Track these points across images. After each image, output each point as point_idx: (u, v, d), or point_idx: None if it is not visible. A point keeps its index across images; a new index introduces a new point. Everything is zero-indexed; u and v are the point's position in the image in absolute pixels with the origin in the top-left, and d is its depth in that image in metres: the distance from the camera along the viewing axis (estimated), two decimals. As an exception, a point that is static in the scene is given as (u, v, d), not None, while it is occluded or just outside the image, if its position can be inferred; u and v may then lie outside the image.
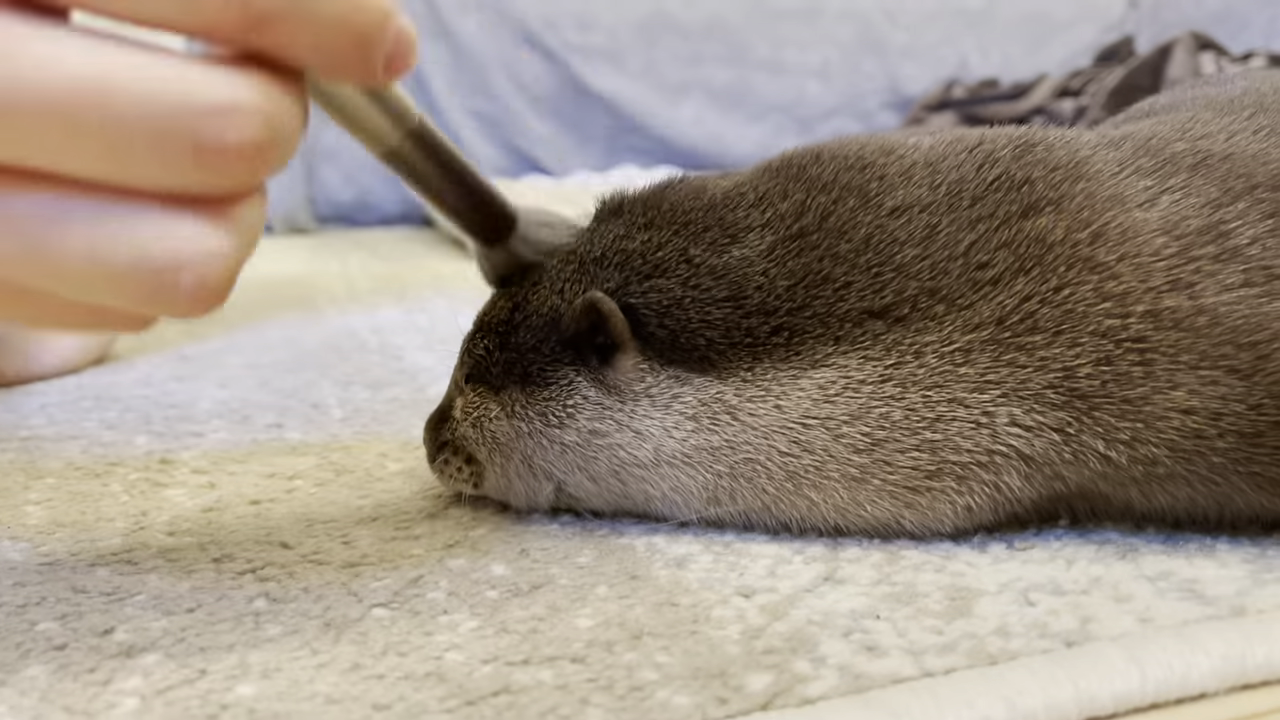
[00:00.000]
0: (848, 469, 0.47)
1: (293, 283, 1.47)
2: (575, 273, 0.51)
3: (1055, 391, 0.44)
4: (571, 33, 2.46)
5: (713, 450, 0.48)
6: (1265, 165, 0.47)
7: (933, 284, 0.46)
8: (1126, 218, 0.45)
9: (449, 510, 0.55)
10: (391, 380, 0.86)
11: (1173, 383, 0.43)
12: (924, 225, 0.46)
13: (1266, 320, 0.43)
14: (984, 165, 0.48)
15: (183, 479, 0.61)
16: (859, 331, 0.46)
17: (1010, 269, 0.45)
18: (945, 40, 2.68)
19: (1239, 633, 0.39)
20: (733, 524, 0.51)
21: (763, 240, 0.48)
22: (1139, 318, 0.44)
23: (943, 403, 0.45)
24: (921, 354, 0.46)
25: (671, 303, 0.48)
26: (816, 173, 0.49)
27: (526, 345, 0.51)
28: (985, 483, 0.46)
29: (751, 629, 0.41)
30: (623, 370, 0.49)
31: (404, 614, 0.43)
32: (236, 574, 0.47)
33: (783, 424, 0.47)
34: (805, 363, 0.47)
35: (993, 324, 0.45)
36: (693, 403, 0.48)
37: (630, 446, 0.49)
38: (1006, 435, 0.45)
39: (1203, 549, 0.47)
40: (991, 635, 0.40)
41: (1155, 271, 0.44)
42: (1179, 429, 0.44)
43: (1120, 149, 0.49)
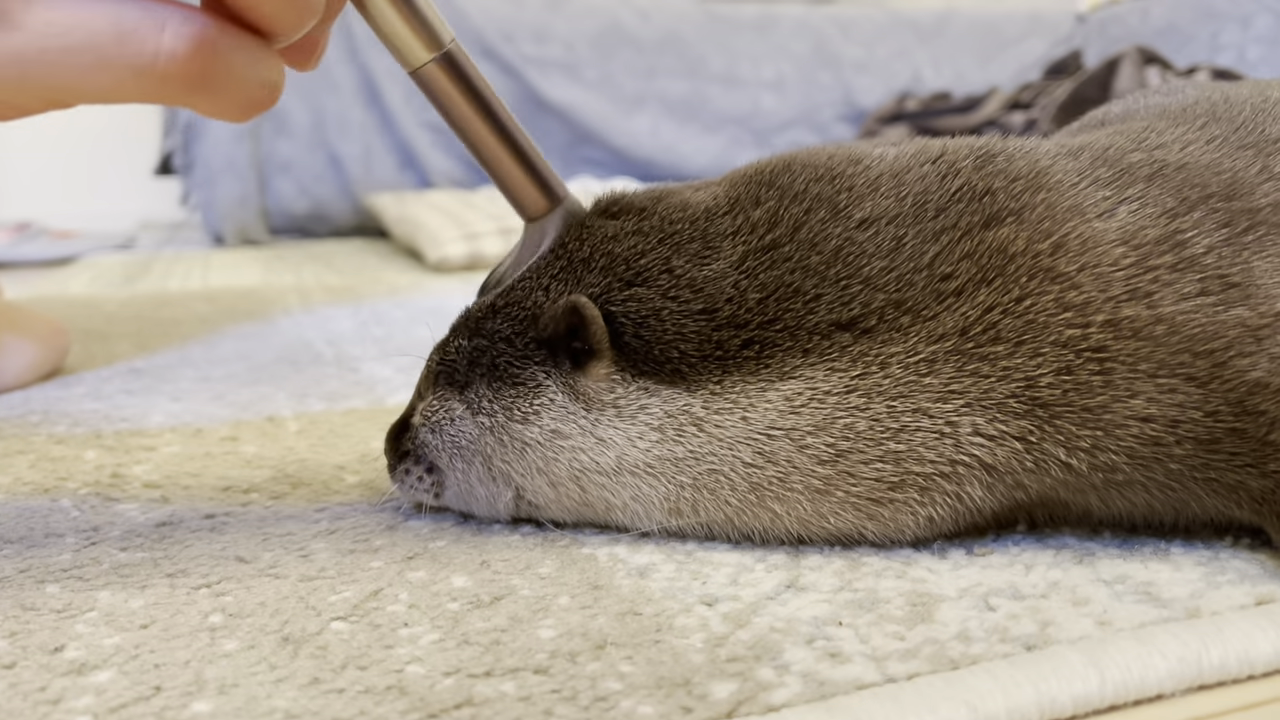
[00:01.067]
0: (811, 480, 0.47)
1: (246, 295, 1.45)
2: (562, 270, 0.51)
3: (1017, 401, 0.45)
4: (528, 45, 2.46)
5: (676, 461, 0.48)
6: (1219, 175, 0.48)
7: (898, 296, 0.46)
8: (1086, 228, 0.46)
9: (409, 522, 0.55)
10: (348, 392, 0.85)
11: (1132, 391, 0.44)
12: (891, 237, 0.47)
13: (1222, 328, 0.44)
14: (947, 176, 0.48)
15: (135, 493, 0.60)
16: (827, 344, 0.46)
17: (973, 280, 0.46)
18: (898, 54, 2.72)
19: (1194, 634, 0.40)
20: (694, 535, 0.51)
21: (735, 250, 0.48)
22: (1099, 327, 0.44)
23: (907, 413, 0.46)
24: (887, 365, 0.46)
25: (650, 313, 0.48)
26: (788, 182, 0.50)
27: (500, 334, 0.51)
28: (948, 493, 0.46)
29: (715, 637, 0.41)
30: (595, 377, 0.49)
31: (364, 627, 0.43)
32: (191, 589, 0.47)
33: (748, 435, 0.47)
34: (774, 375, 0.47)
35: (956, 335, 0.45)
36: (659, 414, 0.48)
37: (592, 452, 0.49)
38: (969, 445, 0.45)
39: (1158, 553, 0.48)
40: (953, 640, 0.40)
41: (1114, 281, 0.45)
42: (1138, 436, 0.44)
43: (1079, 159, 0.49)
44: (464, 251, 1.69)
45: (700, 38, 2.59)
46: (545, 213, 0.51)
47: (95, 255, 2.15)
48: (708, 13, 2.65)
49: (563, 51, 2.48)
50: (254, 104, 0.42)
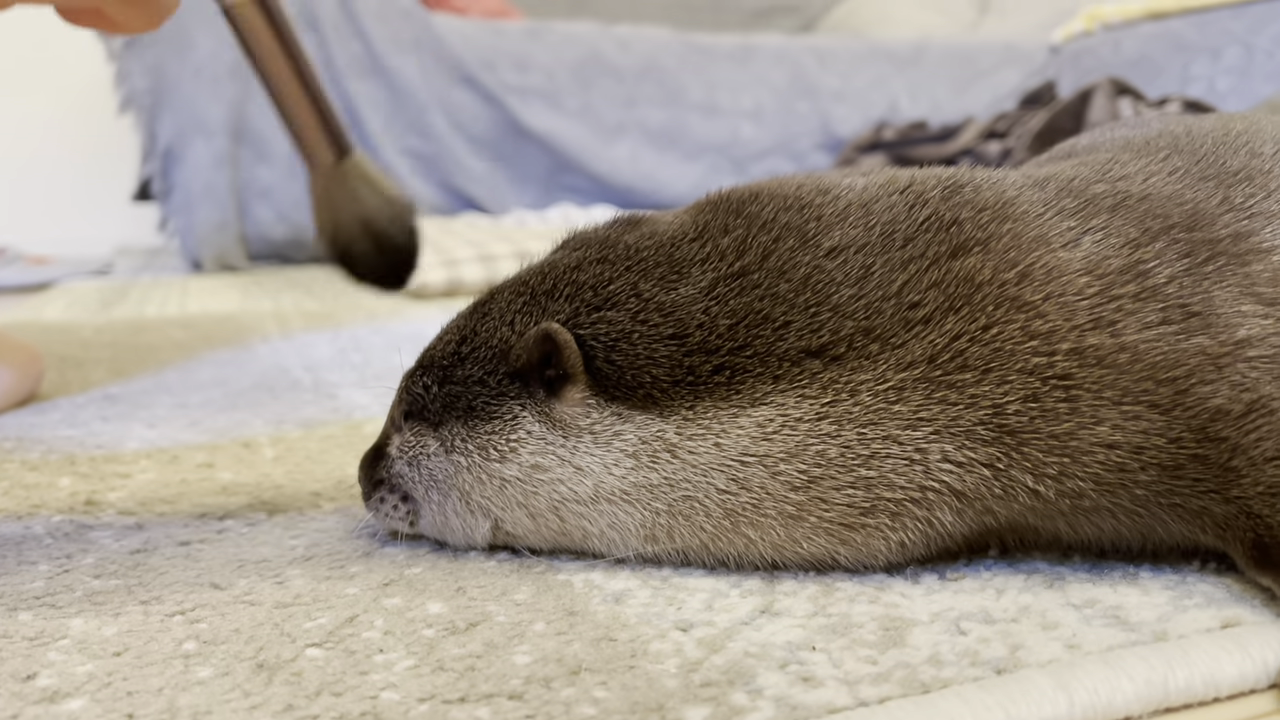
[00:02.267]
0: (784, 506, 0.47)
1: (224, 321, 1.45)
2: (526, 304, 0.51)
3: (985, 428, 0.45)
4: (509, 74, 2.47)
5: (651, 488, 0.48)
6: (1180, 206, 0.49)
7: (868, 323, 0.47)
8: (1051, 258, 0.46)
9: (384, 549, 0.55)
10: (325, 419, 0.85)
11: (1097, 418, 0.45)
12: (859, 266, 0.47)
13: (1184, 356, 0.45)
14: (915, 206, 0.49)
15: (109, 520, 0.60)
16: (797, 370, 0.47)
17: (940, 308, 0.46)
18: (875, 84, 2.75)
19: (1161, 657, 0.40)
20: (670, 561, 0.51)
21: (704, 276, 0.49)
22: (1064, 355, 0.45)
23: (877, 440, 0.46)
24: (857, 392, 0.46)
25: (620, 336, 0.48)
26: (756, 210, 0.50)
27: (472, 378, 0.51)
28: (918, 518, 0.47)
29: (689, 662, 0.41)
30: (570, 402, 0.49)
31: (339, 653, 0.43)
32: (165, 616, 0.46)
33: (721, 461, 0.47)
34: (745, 401, 0.47)
35: (924, 362, 0.46)
36: (633, 440, 0.48)
37: (570, 482, 0.49)
38: (939, 471, 0.46)
39: (1126, 577, 0.48)
40: (924, 664, 0.41)
41: (1079, 310, 0.45)
42: (1103, 463, 0.45)
43: (1044, 190, 0.50)
44: (443, 278, 1.69)
45: (680, 67, 2.62)
46: (333, 163, 0.52)
47: (71, 281, 2.14)
48: (687, 43, 2.68)
49: (544, 80, 2.50)
50: None
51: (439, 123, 2.41)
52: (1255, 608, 0.45)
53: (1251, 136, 0.55)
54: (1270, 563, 0.44)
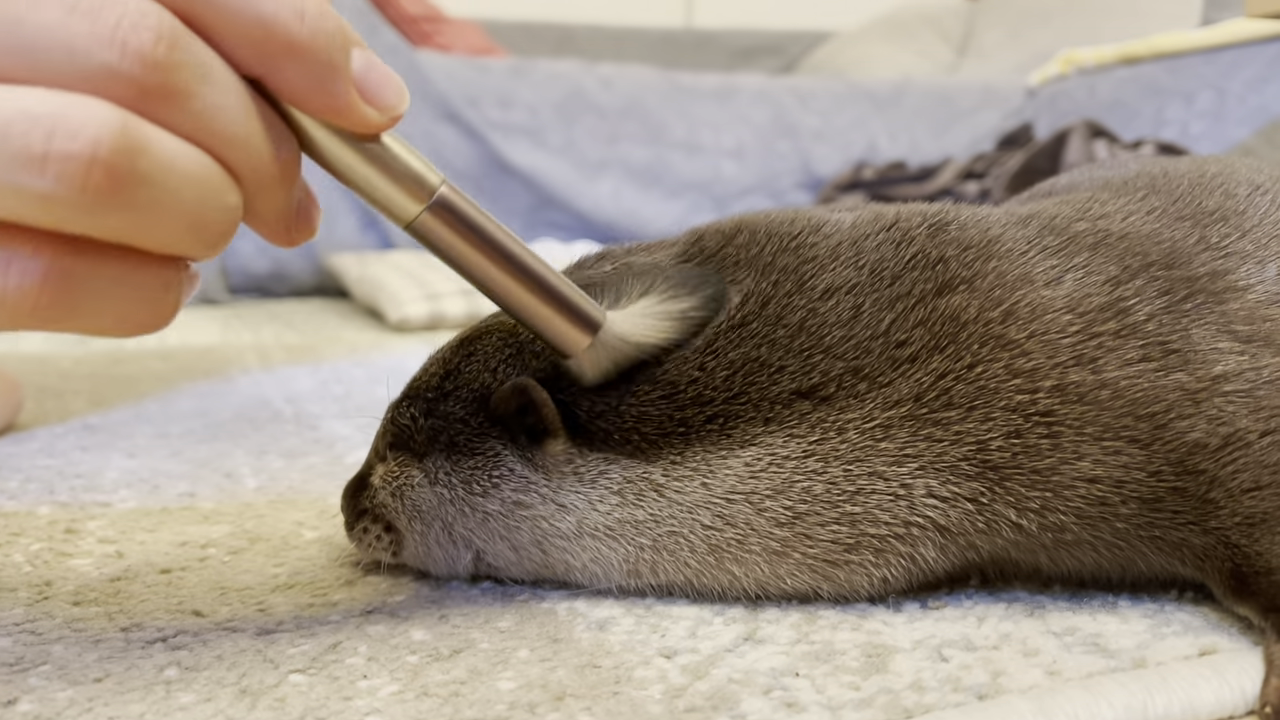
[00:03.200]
0: (769, 542, 0.47)
1: (204, 353, 1.44)
2: (510, 356, 0.50)
3: (969, 463, 0.46)
4: (492, 110, 2.49)
5: (636, 524, 0.49)
6: (1158, 244, 0.50)
7: (856, 363, 0.47)
8: (1035, 296, 0.47)
9: (367, 577, 0.55)
10: (307, 449, 0.85)
11: (1078, 453, 0.45)
12: (850, 306, 0.48)
13: (1163, 393, 0.45)
14: (901, 244, 0.50)
15: (89, 549, 0.60)
16: (787, 412, 0.47)
17: (926, 347, 0.47)
18: (855, 124, 2.78)
19: (1140, 684, 0.41)
20: (653, 595, 0.51)
21: (703, 334, 0.48)
22: (1047, 392, 0.46)
23: (863, 476, 0.46)
24: (844, 430, 0.47)
25: (605, 407, 0.48)
26: (755, 255, 0.50)
27: (455, 415, 0.51)
28: (902, 554, 0.47)
29: (673, 688, 0.41)
30: (551, 454, 0.49)
31: (322, 679, 0.42)
32: (146, 643, 0.46)
33: (708, 499, 0.48)
34: (735, 444, 0.48)
35: (911, 400, 0.46)
36: (619, 479, 0.49)
37: (553, 519, 0.49)
38: (923, 506, 0.46)
39: (1106, 605, 0.49)
40: (907, 690, 0.41)
41: (1062, 348, 0.46)
42: (1085, 497, 0.46)
43: (1028, 228, 0.51)
44: (425, 311, 1.69)
45: (662, 105, 2.64)
46: (588, 345, 0.46)
47: (51, 313, 2.13)
48: (670, 82, 2.70)
49: (527, 116, 2.52)
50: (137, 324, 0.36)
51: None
52: (1232, 635, 0.45)
53: (1226, 178, 0.57)
54: (1248, 592, 0.45)
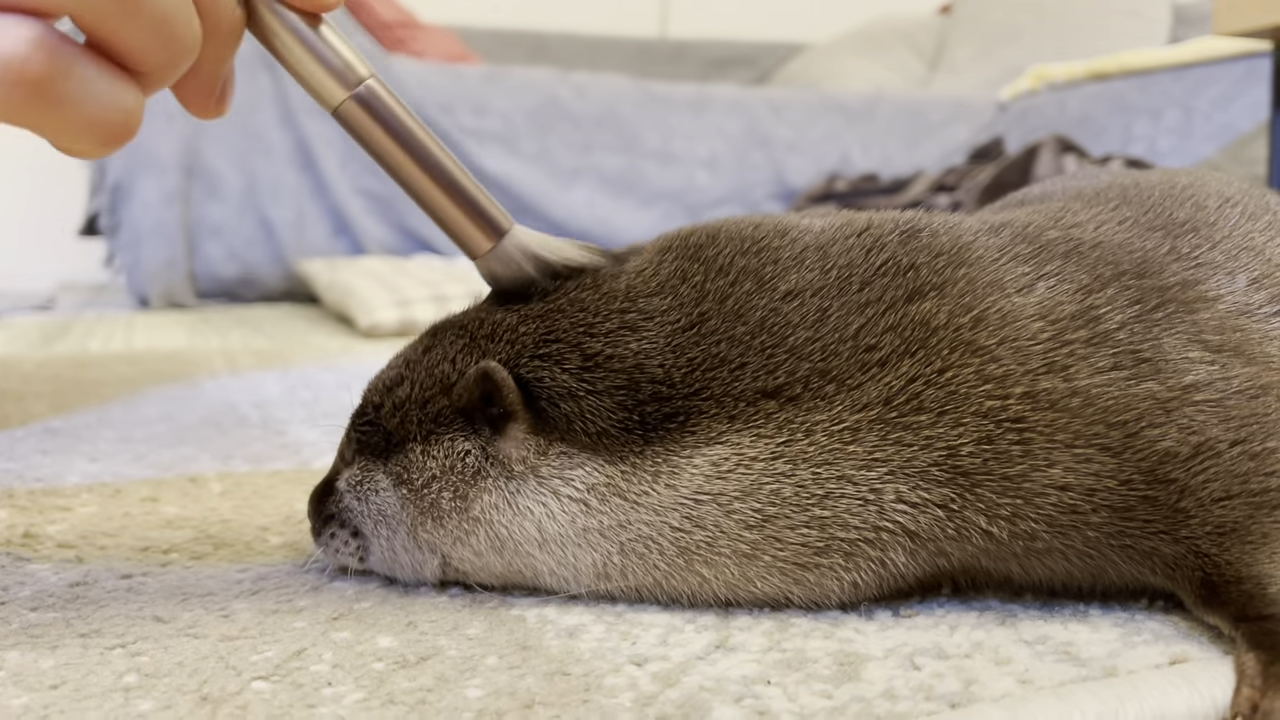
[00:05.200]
0: (739, 545, 0.47)
1: (171, 358, 1.43)
2: (466, 346, 0.51)
3: (939, 469, 0.46)
4: (466, 117, 2.48)
5: (602, 531, 0.48)
6: (1130, 254, 0.50)
7: (824, 365, 0.47)
8: (1006, 303, 0.47)
9: (333, 583, 0.54)
10: (273, 455, 0.84)
11: (1049, 460, 0.45)
12: (816, 309, 0.48)
13: (1134, 401, 0.45)
14: (872, 250, 0.50)
15: (48, 553, 0.58)
16: (753, 411, 0.47)
17: (896, 351, 0.47)
18: (828, 136, 2.80)
19: (1111, 692, 0.40)
20: (623, 598, 0.51)
21: (662, 330, 0.48)
22: (1018, 399, 0.45)
23: (831, 479, 0.46)
24: (812, 432, 0.47)
25: (564, 391, 0.48)
26: (713, 254, 0.50)
27: (415, 414, 0.51)
28: (872, 559, 0.47)
29: (644, 696, 0.41)
30: (513, 440, 0.49)
31: (286, 687, 0.42)
32: (105, 649, 0.45)
33: (675, 501, 0.47)
34: (699, 441, 0.47)
35: (880, 404, 0.46)
36: (580, 488, 0.48)
37: (512, 525, 0.49)
38: (893, 511, 0.46)
39: (1077, 614, 0.49)
40: (879, 698, 0.41)
41: (1033, 355, 0.46)
42: (1056, 504, 0.45)
43: (999, 235, 0.51)
44: (396, 318, 1.68)
45: (637, 115, 2.65)
46: (490, 248, 0.49)
47: (12, 316, 2.10)
48: (644, 91, 2.71)
49: (501, 124, 2.51)
50: (108, 129, 0.40)
51: (395, 164, 2.41)
52: (1203, 644, 0.45)
53: (1196, 190, 0.57)
54: (1218, 602, 0.45)
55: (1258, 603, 0.44)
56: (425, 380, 0.51)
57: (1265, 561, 0.44)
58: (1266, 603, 0.44)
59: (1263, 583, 0.44)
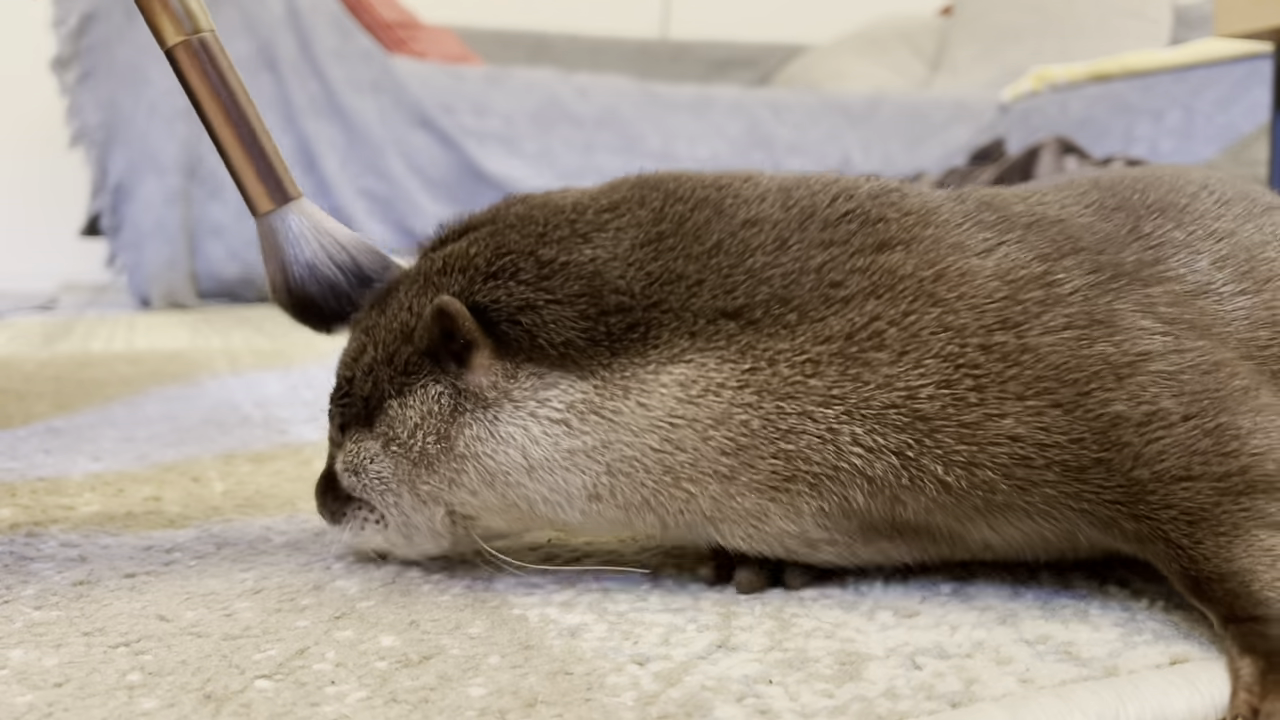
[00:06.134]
0: (718, 467, 0.49)
1: (172, 358, 1.43)
2: (420, 288, 0.52)
3: (898, 412, 0.47)
4: (468, 118, 2.48)
5: (588, 452, 0.49)
6: (1092, 233, 0.52)
7: (785, 293, 0.49)
8: (966, 263, 0.49)
9: (336, 582, 0.54)
10: (275, 454, 0.84)
11: (1002, 410, 0.46)
12: (775, 238, 0.50)
13: (1085, 362, 0.47)
14: (839, 197, 0.52)
15: (51, 552, 0.59)
16: (713, 329, 0.49)
17: (863, 291, 0.48)
18: (829, 137, 2.80)
19: (1112, 692, 0.41)
20: (614, 523, 0.51)
21: (620, 243, 0.50)
22: (974, 349, 0.47)
23: (794, 414, 0.48)
24: (775, 362, 0.48)
25: (522, 303, 0.50)
26: (674, 186, 0.53)
27: (385, 369, 0.52)
28: (834, 493, 0.48)
29: (646, 695, 0.41)
30: (478, 368, 0.50)
31: (289, 685, 0.42)
32: (109, 647, 0.45)
33: (651, 423, 0.49)
34: (663, 357, 0.49)
35: (842, 338, 0.48)
36: (559, 407, 0.49)
37: (498, 454, 0.50)
38: (849, 453, 0.48)
39: (1078, 614, 0.49)
40: (880, 698, 0.41)
41: (988, 311, 0.48)
42: (1009, 454, 0.46)
43: (965, 204, 0.53)
44: (398, 318, 1.68)
45: (638, 116, 2.65)
46: (269, 209, 0.54)
47: (14, 316, 2.10)
48: (646, 92, 2.71)
49: (502, 125, 2.51)
50: None
51: (396, 164, 2.41)
52: (1203, 644, 0.45)
53: (1176, 178, 0.58)
54: (1204, 597, 0.45)
55: (1244, 602, 0.44)
56: (387, 336, 0.52)
57: (1243, 556, 0.44)
58: (1253, 602, 0.44)
59: (1246, 580, 0.44)
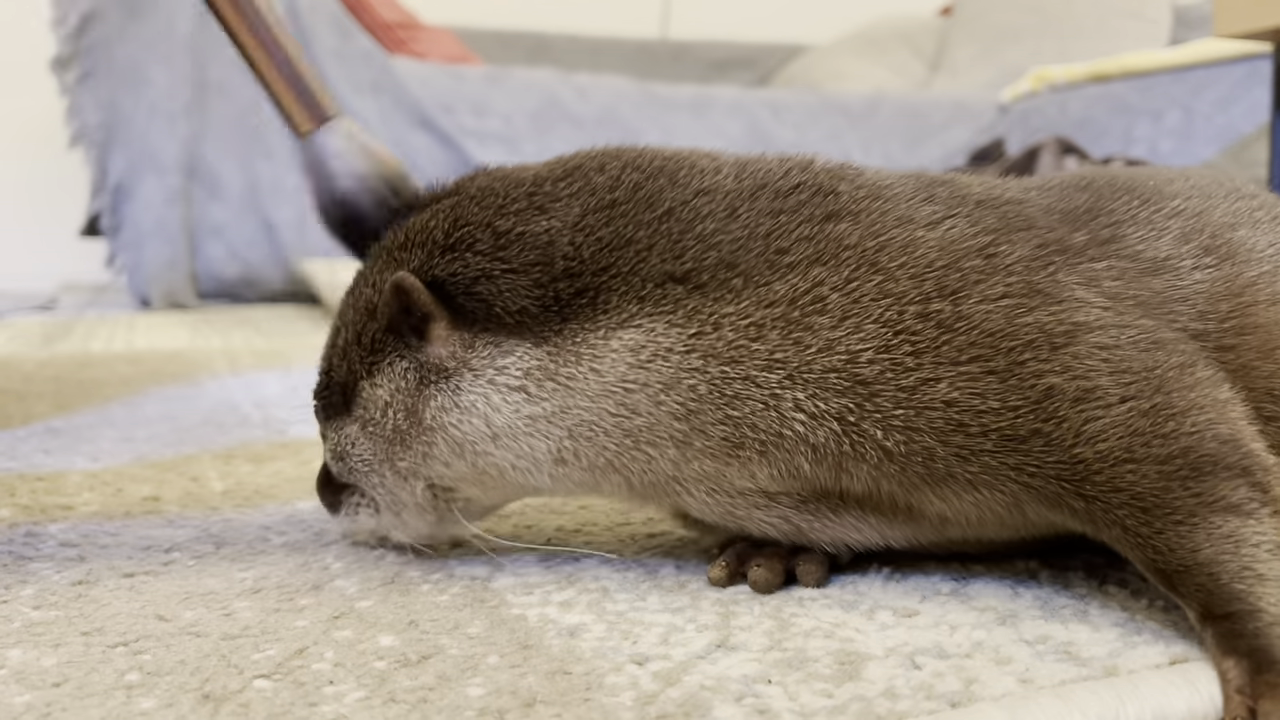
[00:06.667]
0: (673, 432, 0.50)
1: (172, 358, 1.43)
2: (383, 263, 0.54)
3: (838, 376, 0.48)
4: (467, 118, 2.48)
5: (548, 418, 0.50)
6: (1048, 213, 0.53)
7: (732, 258, 0.50)
8: (910, 234, 0.50)
9: (335, 582, 0.54)
10: (275, 454, 0.84)
11: (936, 375, 0.47)
12: (726, 206, 0.51)
13: (1020, 330, 0.47)
14: (792, 170, 0.53)
15: (50, 552, 0.58)
16: (660, 294, 0.50)
17: (807, 258, 0.50)
18: (829, 136, 2.80)
19: (1112, 692, 0.41)
20: (582, 486, 0.52)
21: (571, 210, 0.52)
22: (912, 316, 0.48)
23: (738, 380, 0.49)
24: (720, 325, 0.49)
25: (479, 273, 0.51)
26: (633, 156, 0.54)
27: (355, 350, 0.54)
28: (781, 460, 0.49)
29: (645, 695, 0.41)
30: (436, 339, 0.51)
31: (288, 685, 0.42)
32: (107, 647, 0.45)
33: (605, 388, 0.50)
34: (613, 322, 0.50)
35: (785, 302, 0.49)
36: (516, 374, 0.50)
37: (463, 423, 0.51)
38: (792, 419, 0.48)
39: (1077, 614, 0.49)
40: (880, 697, 0.41)
41: (928, 279, 0.49)
42: (945, 419, 0.47)
43: (919, 181, 0.54)
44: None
45: (637, 116, 2.64)
46: (313, 129, 0.56)
47: (13, 316, 2.10)
48: (645, 92, 2.71)
49: (502, 125, 2.51)
50: None
51: (396, 165, 2.41)
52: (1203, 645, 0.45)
53: (1156, 169, 0.59)
54: (1174, 589, 0.45)
55: (1216, 599, 0.43)
56: (355, 316, 0.54)
57: (1206, 546, 0.44)
58: (1225, 597, 0.43)
59: (1214, 573, 0.43)
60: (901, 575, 0.54)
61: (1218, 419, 0.46)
